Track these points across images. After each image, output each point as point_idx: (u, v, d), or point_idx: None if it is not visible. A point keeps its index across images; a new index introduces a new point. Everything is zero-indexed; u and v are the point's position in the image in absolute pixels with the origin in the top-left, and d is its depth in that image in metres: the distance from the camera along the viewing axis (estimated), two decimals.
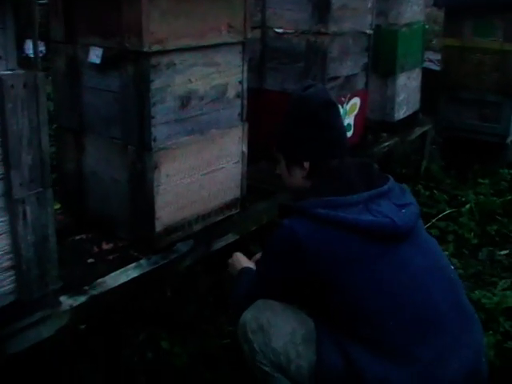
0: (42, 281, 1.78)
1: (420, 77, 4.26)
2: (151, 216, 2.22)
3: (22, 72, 1.60)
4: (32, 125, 1.64)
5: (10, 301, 1.74)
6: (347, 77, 3.28)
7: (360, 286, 1.61)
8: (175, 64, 2.17)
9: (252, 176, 2.74)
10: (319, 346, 1.66)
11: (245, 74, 2.48)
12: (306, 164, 1.82)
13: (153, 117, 2.13)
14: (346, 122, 3.32)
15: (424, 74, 4.33)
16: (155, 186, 2.19)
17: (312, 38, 3.04)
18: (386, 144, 3.82)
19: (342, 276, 1.62)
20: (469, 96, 4.46)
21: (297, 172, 1.86)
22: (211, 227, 2.49)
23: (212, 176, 2.44)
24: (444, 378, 1.58)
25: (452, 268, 1.80)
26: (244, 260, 2.12)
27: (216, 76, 2.35)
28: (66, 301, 1.89)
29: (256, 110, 2.97)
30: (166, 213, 2.27)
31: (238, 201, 2.62)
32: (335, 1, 2.99)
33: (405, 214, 1.69)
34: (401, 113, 4.02)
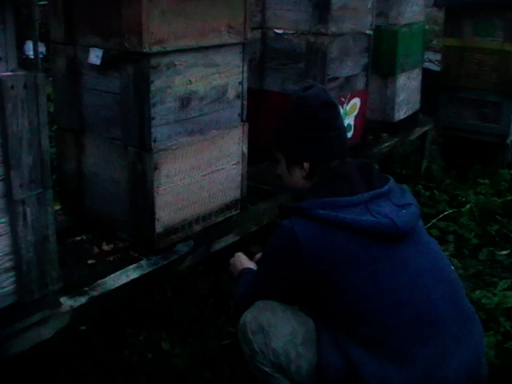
0: (43, 282, 1.79)
1: (420, 77, 4.25)
2: (151, 217, 2.22)
3: (23, 73, 1.60)
4: (32, 125, 1.64)
5: (11, 302, 1.74)
6: (347, 77, 3.28)
7: (360, 287, 1.61)
8: (175, 65, 2.17)
9: (252, 177, 2.74)
10: (319, 347, 1.66)
11: (245, 75, 2.48)
12: (306, 164, 1.82)
13: (153, 118, 2.14)
14: (346, 123, 3.31)
15: (424, 75, 4.33)
16: (155, 187, 2.19)
17: (312, 39, 3.04)
18: (386, 144, 3.81)
19: (342, 276, 1.62)
20: (469, 96, 4.45)
21: (297, 172, 1.86)
22: (211, 228, 2.49)
23: (212, 177, 2.44)
24: (444, 379, 1.58)
25: (452, 268, 1.80)
26: (245, 260, 2.11)
27: (216, 77, 2.35)
28: (67, 302, 1.89)
29: (256, 111, 2.97)
30: (166, 213, 2.27)
31: (238, 201, 2.62)
32: (335, 1, 2.99)
33: (405, 215, 1.68)
34: (401, 113, 4.02)
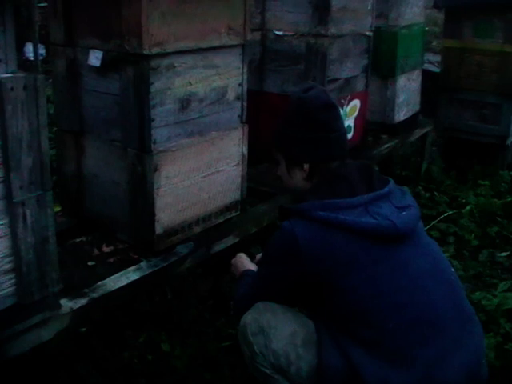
0: (42, 283, 1.79)
1: (420, 78, 4.26)
2: (151, 218, 2.22)
3: (22, 75, 1.60)
4: (32, 127, 1.64)
5: (11, 303, 1.74)
6: (347, 79, 3.28)
7: (360, 288, 1.61)
8: (175, 66, 2.17)
9: (252, 178, 2.74)
10: (319, 348, 1.66)
11: (245, 76, 2.48)
12: (306, 166, 1.82)
13: (152, 119, 2.14)
14: (346, 124, 3.31)
15: (424, 76, 4.33)
16: (155, 189, 2.19)
17: (312, 40, 3.04)
18: (386, 146, 3.81)
19: (342, 278, 1.62)
20: (469, 97, 4.45)
21: (297, 173, 1.86)
22: (211, 229, 2.49)
23: (212, 178, 2.44)
24: (444, 380, 1.58)
25: (452, 270, 1.80)
26: (246, 261, 2.11)
27: (216, 78, 2.35)
28: (67, 303, 1.89)
29: (256, 112, 2.97)
30: (166, 215, 2.27)
31: (238, 203, 2.62)
32: (335, 3, 2.99)
33: (405, 216, 1.68)
34: (401, 114, 4.02)
